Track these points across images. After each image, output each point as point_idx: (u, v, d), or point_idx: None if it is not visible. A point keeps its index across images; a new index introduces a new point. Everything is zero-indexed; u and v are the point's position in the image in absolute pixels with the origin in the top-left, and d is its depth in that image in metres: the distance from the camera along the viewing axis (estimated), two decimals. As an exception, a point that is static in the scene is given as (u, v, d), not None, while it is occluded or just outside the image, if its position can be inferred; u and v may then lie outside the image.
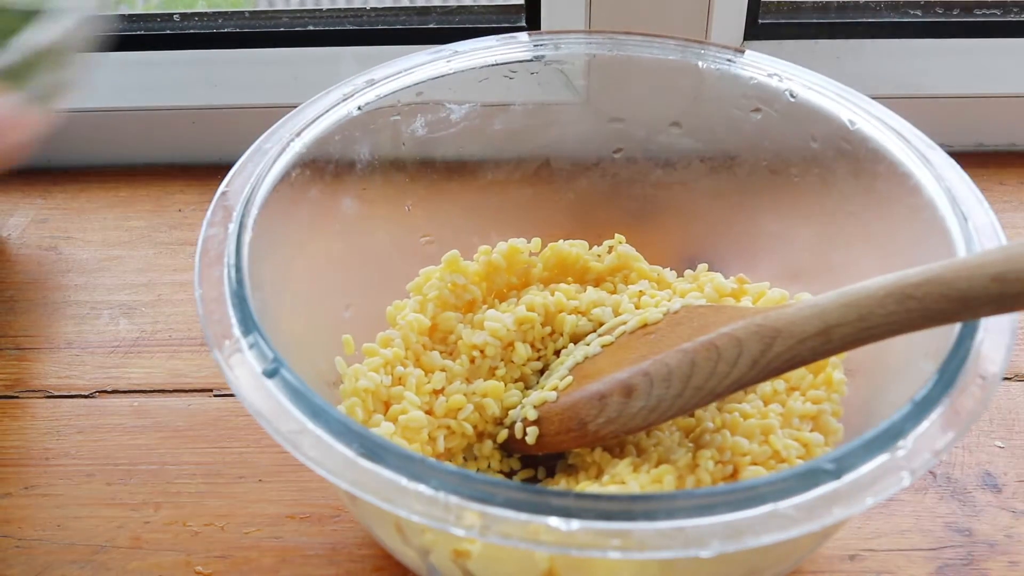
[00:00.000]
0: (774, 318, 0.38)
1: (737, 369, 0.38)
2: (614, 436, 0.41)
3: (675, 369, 0.39)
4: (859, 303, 0.35)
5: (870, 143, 0.46)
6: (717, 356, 0.38)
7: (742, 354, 0.38)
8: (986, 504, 0.48)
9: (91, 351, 0.58)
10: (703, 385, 0.38)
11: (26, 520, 0.49)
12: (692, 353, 0.39)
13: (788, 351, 0.37)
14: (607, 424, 0.41)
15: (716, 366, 0.38)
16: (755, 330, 0.38)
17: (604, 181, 0.54)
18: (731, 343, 0.38)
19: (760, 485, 0.32)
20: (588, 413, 0.41)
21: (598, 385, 0.41)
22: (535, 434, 0.43)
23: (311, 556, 0.47)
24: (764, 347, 0.37)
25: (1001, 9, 0.68)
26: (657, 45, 0.50)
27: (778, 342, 0.37)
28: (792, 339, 0.37)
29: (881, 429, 0.34)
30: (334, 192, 0.48)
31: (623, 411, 0.40)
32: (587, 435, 0.42)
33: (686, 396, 0.39)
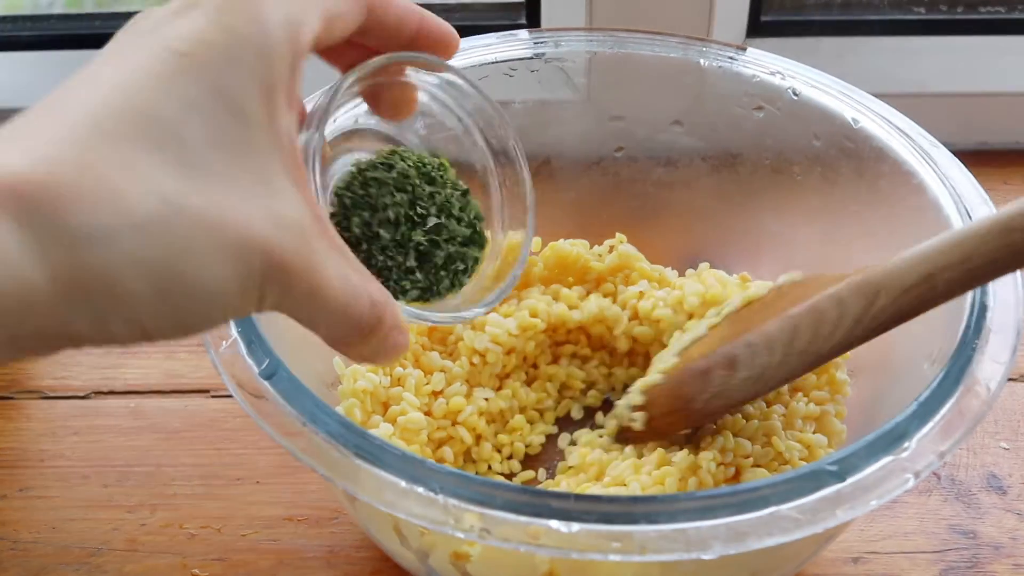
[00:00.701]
0: (874, 273, 0.37)
1: (841, 329, 0.37)
2: (722, 410, 0.41)
3: (777, 336, 0.39)
4: (961, 243, 0.35)
5: (873, 141, 0.46)
6: (819, 318, 0.38)
7: (845, 313, 0.37)
8: (991, 506, 0.48)
9: (87, 351, 0.57)
10: (807, 349, 0.38)
11: (21, 522, 0.48)
12: (794, 319, 0.39)
13: (892, 304, 0.36)
14: (713, 399, 0.40)
15: (819, 328, 0.38)
16: (856, 288, 0.37)
17: (605, 180, 0.54)
18: (832, 304, 0.38)
19: (763, 487, 0.32)
20: (693, 390, 0.41)
21: (701, 362, 0.41)
22: (643, 419, 0.43)
23: (309, 558, 0.47)
24: (867, 303, 0.37)
25: (1006, 6, 0.68)
26: (658, 43, 0.50)
27: (881, 296, 0.36)
28: (896, 291, 0.36)
29: (885, 430, 0.34)
30: (333, 191, 0.48)
31: (727, 384, 0.40)
32: (694, 412, 0.41)
33: (791, 363, 0.39)
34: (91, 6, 0.77)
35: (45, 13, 0.73)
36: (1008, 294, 0.38)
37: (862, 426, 0.43)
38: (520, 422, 0.47)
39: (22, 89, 0.71)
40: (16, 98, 0.70)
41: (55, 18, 0.71)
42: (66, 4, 0.77)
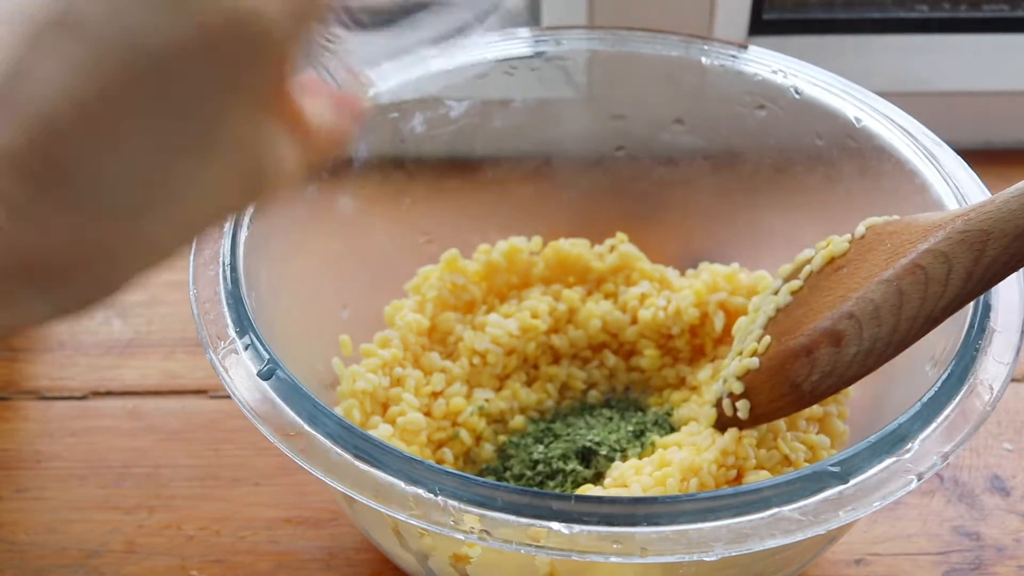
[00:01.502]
0: (978, 219, 0.34)
1: (951, 287, 0.34)
2: (833, 390, 0.38)
3: (882, 304, 0.36)
4: None
5: (876, 140, 0.45)
6: (925, 278, 0.35)
7: (952, 269, 0.34)
8: (994, 507, 0.48)
9: (84, 352, 0.57)
10: (917, 314, 0.35)
11: (18, 524, 0.48)
12: (896, 281, 0.36)
13: (1004, 252, 0.33)
14: (822, 380, 0.38)
15: (927, 289, 0.35)
16: (960, 239, 0.34)
17: (606, 179, 0.54)
18: (937, 259, 0.35)
19: (765, 488, 0.32)
20: (798, 373, 0.38)
21: (801, 339, 0.38)
22: (747, 408, 0.40)
23: (308, 560, 0.47)
24: (976, 255, 0.34)
25: (1009, 4, 0.68)
26: (660, 41, 0.50)
27: (990, 245, 0.33)
28: (1006, 237, 0.33)
29: (888, 431, 0.33)
30: (331, 190, 0.48)
31: (836, 362, 0.37)
32: (803, 396, 0.39)
33: (902, 330, 0.36)
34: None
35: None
36: (1012, 295, 0.38)
37: (865, 427, 0.42)
38: (520, 423, 0.47)
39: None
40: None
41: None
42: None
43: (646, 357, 0.49)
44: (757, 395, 0.40)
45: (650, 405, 0.48)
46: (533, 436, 0.46)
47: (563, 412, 0.48)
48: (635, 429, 0.46)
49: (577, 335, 0.49)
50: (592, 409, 0.48)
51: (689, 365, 0.49)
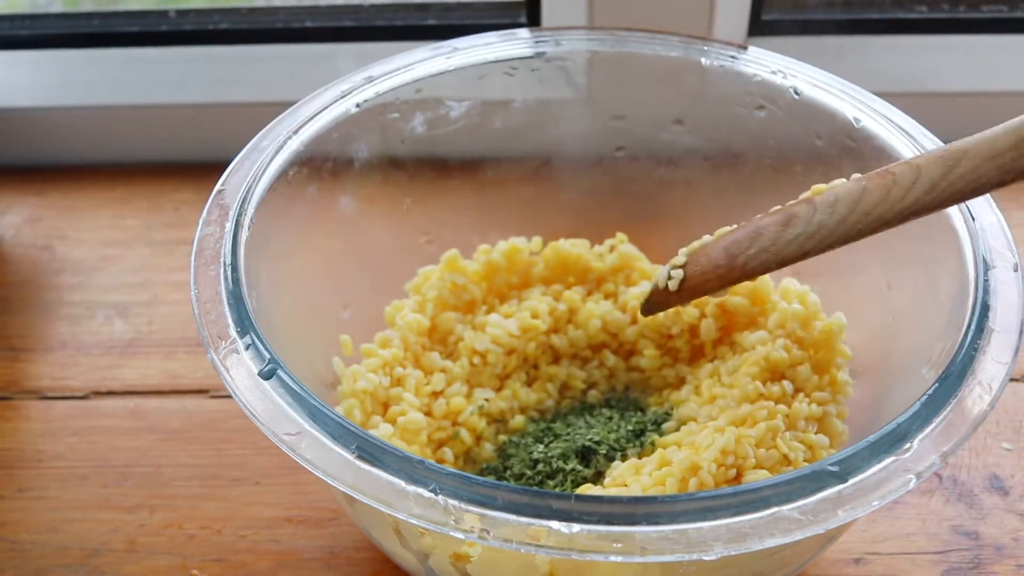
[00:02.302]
0: (959, 142, 0.35)
1: (912, 193, 0.35)
2: (764, 268, 0.39)
3: (843, 196, 0.37)
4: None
5: (875, 140, 0.45)
6: (892, 181, 0.36)
7: (920, 178, 0.35)
8: (993, 507, 0.48)
9: (86, 352, 0.57)
10: (871, 210, 0.36)
11: (19, 523, 0.48)
12: (864, 180, 0.37)
13: (973, 171, 0.34)
14: (759, 254, 0.39)
15: (890, 191, 0.36)
16: (939, 155, 0.35)
17: (606, 179, 0.54)
18: (909, 169, 0.36)
19: (764, 488, 0.32)
20: (739, 245, 0.39)
21: (756, 220, 0.39)
22: (679, 278, 0.41)
23: (308, 560, 0.47)
24: (946, 169, 0.35)
25: (1008, 5, 0.68)
26: (659, 41, 0.50)
27: (963, 162, 0.34)
28: (980, 157, 0.34)
29: (887, 431, 0.33)
30: (332, 190, 0.48)
31: (778, 239, 0.38)
32: (735, 269, 0.40)
33: (850, 221, 0.36)
34: (89, 5, 0.77)
35: (43, 12, 0.73)
36: (1011, 295, 0.38)
37: (864, 427, 0.42)
38: (520, 422, 0.47)
39: (21, 88, 0.71)
40: (15, 97, 0.70)
41: (53, 17, 0.71)
42: (64, 3, 0.77)
43: (646, 357, 0.49)
44: (692, 267, 0.41)
45: (650, 405, 0.48)
46: (533, 436, 0.46)
47: (563, 412, 0.48)
48: (635, 429, 0.46)
49: (577, 335, 0.49)
50: (592, 409, 0.48)
51: (689, 365, 0.49)
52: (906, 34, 0.69)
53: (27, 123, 0.70)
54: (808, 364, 0.44)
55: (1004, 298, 0.38)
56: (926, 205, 0.35)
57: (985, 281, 0.38)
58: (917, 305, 0.43)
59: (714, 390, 0.45)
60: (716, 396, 0.45)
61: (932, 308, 0.41)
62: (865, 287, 0.46)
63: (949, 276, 0.40)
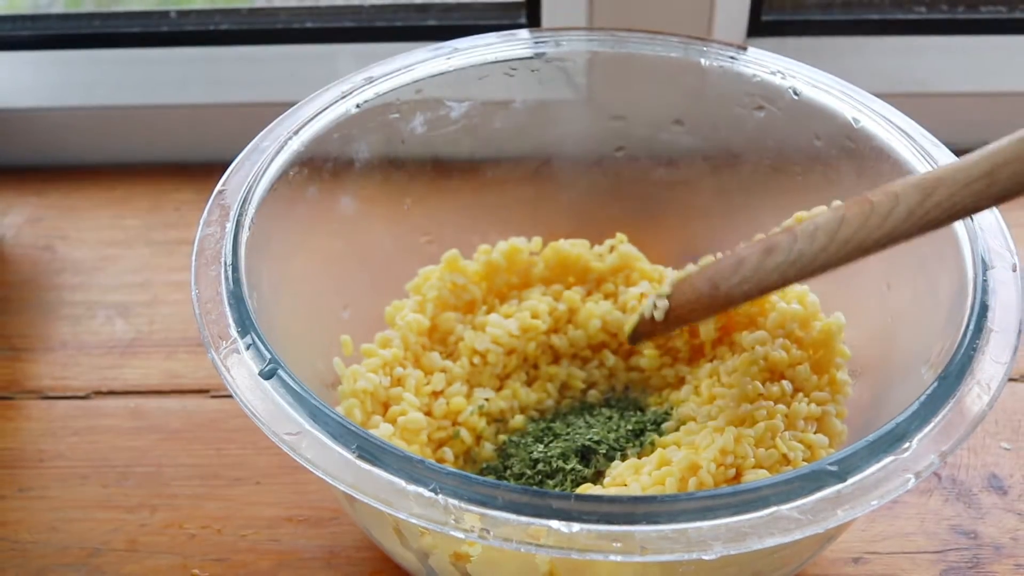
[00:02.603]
0: (936, 170, 0.36)
1: (890, 221, 0.36)
2: (745, 297, 0.40)
3: (822, 225, 0.38)
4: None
5: (874, 141, 0.45)
6: (870, 210, 0.36)
7: (897, 207, 0.36)
8: (992, 506, 0.48)
9: (86, 352, 0.58)
10: (851, 238, 0.37)
11: (20, 523, 0.48)
12: (843, 209, 0.37)
13: (949, 198, 0.35)
14: (741, 283, 0.39)
15: (868, 219, 0.36)
16: (915, 183, 0.36)
17: (605, 180, 0.54)
18: (887, 197, 0.36)
19: (763, 487, 0.32)
20: (722, 275, 0.40)
21: (739, 250, 0.40)
22: (664, 308, 0.42)
23: (309, 559, 0.47)
24: (923, 197, 0.35)
25: (1007, 6, 0.68)
26: (659, 42, 0.50)
27: (939, 190, 0.35)
28: (955, 184, 0.35)
29: (886, 431, 0.34)
30: (332, 191, 0.48)
31: (760, 268, 0.39)
32: (719, 298, 0.40)
33: (831, 250, 0.37)
34: (91, 6, 0.77)
35: (45, 12, 0.73)
36: (1009, 295, 0.38)
37: (863, 426, 0.43)
38: (520, 422, 0.47)
39: (22, 88, 0.71)
40: (16, 98, 0.70)
41: (54, 17, 0.71)
42: (66, 4, 0.78)
43: (645, 357, 0.49)
44: (678, 297, 0.42)
45: (649, 404, 0.48)
46: (533, 435, 0.46)
47: (563, 411, 0.49)
48: (634, 428, 0.46)
49: (577, 335, 0.49)
50: (592, 408, 0.48)
51: (688, 365, 0.49)
52: (905, 35, 0.69)
53: (28, 123, 0.70)
54: (807, 364, 0.44)
55: (1003, 298, 0.38)
56: (903, 233, 0.36)
57: (984, 281, 0.39)
58: (916, 305, 0.43)
59: (713, 390, 0.45)
60: (715, 396, 0.45)
61: (931, 308, 0.41)
62: (864, 287, 0.46)
63: (948, 276, 0.40)
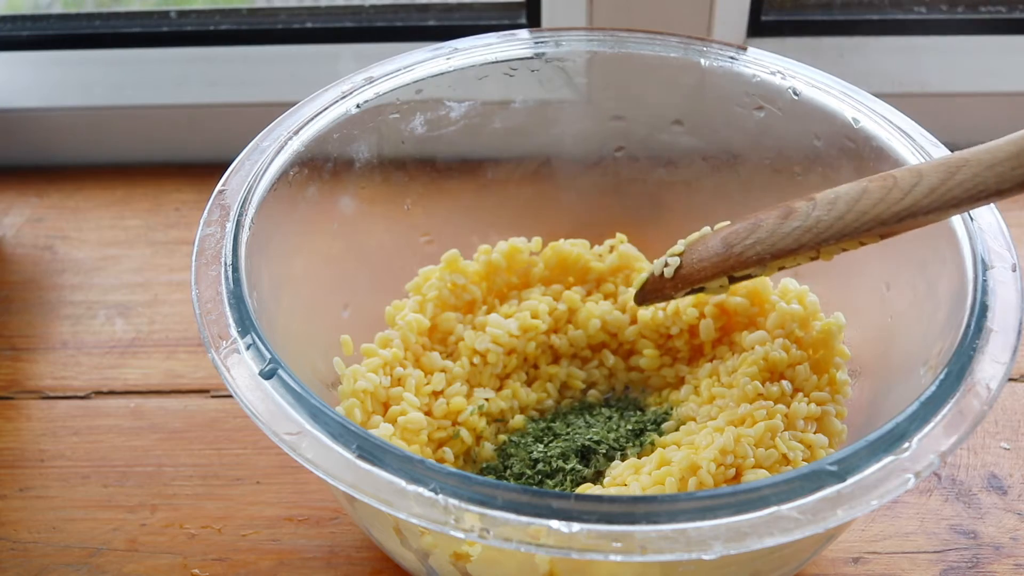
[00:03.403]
0: (962, 151, 0.36)
1: (911, 196, 0.36)
2: (758, 259, 0.40)
3: (843, 194, 0.38)
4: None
5: (874, 141, 0.45)
6: (892, 184, 0.36)
7: (920, 183, 0.36)
8: (991, 506, 0.48)
9: (87, 352, 0.58)
10: (869, 210, 0.37)
11: (21, 522, 0.48)
12: (867, 181, 0.37)
13: (973, 178, 0.35)
14: (754, 244, 0.39)
15: (889, 192, 0.36)
16: (941, 162, 0.36)
17: (605, 180, 0.54)
18: (911, 173, 0.36)
19: (763, 487, 0.32)
20: (737, 236, 0.40)
21: (758, 214, 0.40)
22: (675, 265, 0.43)
23: (309, 559, 0.47)
24: (947, 175, 0.35)
25: (1006, 6, 0.68)
26: (659, 42, 0.50)
27: (963, 170, 0.35)
28: (980, 165, 0.35)
29: (885, 430, 0.34)
30: (332, 191, 0.48)
31: (775, 231, 0.39)
32: (730, 258, 0.40)
33: (847, 219, 0.37)
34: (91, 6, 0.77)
35: (45, 13, 0.73)
36: (1009, 295, 0.38)
37: (863, 426, 0.43)
38: (520, 422, 0.47)
39: (23, 89, 0.71)
40: (16, 98, 0.70)
41: (55, 18, 0.71)
42: (66, 4, 0.78)
43: (645, 357, 0.49)
44: (690, 255, 0.42)
45: (649, 404, 0.48)
46: (533, 435, 0.46)
47: (563, 411, 0.49)
48: (634, 428, 0.46)
49: (577, 335, 0.49)
50: (592, 408, 0.48)
51: (688, 365, 0.49)
52: (905, 35, 0.69)
53: (29, 124, 0.70)
54: (807, 364, 0.44)
55: (1002, 298, 0.38)
56: (923, 208, 0.36)
57: (984, 281, 0.39)
58: (916, 305, 0.43)
59: (713, 390, 0.45)
60: (715, 396, 0.45)
61: (931, 308, 0.41)
62: (864, 287, 0.47)
63: (948, 276, 0.40)
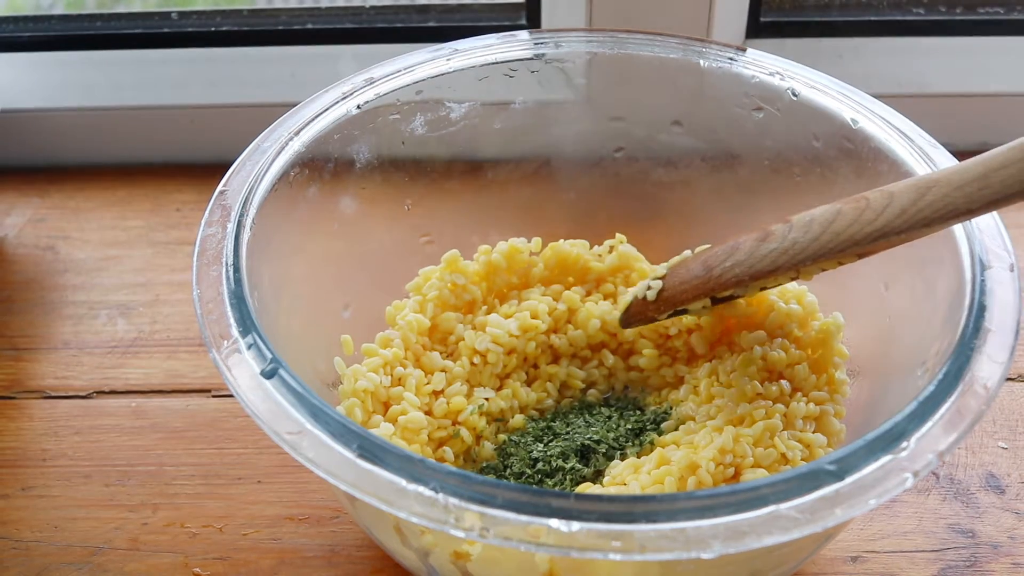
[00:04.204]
0: (933, 172, 0.37)
1: (884, 217, 0.37)
2: (736, 281, 0.41)
3: (818, 217, 0.39)
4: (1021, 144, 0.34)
5: (873, 142, 0.46)
6: (865, 205, 0.37)
7: (892, 204, 0.37)
8: (989, 505, 0.48)
9: (89, 351, 0.58)
10: (843, 231, 0.38)
11: (23, 521, 0.49)
12: (839, 203, 0.38)
13: (942, 199, 0.35)
14: (733, 267, 0.40)
15: (862, 214, 0.37)
16: (911, 183, 0.37)
17: (605, 180, 0.54)
18: (882, 195, 0.37)
19: (762, 486, 0.32)
20: (716, 259, 0.41)
21: (737, 238, 0.41)
22: (658, 288, 0.44)
23: (310, 558, 0.47)
24: (917, 196, 0.36)
25: (1005, 7, 0.68)
26: (658, 43, 0.50)
27: (933, 191, 0.36)
28: (949, 186, 0.35)
29: (884, 430, 0.34)
30: (333, 191, 0.48)
31: (753, 253, 0.40)
32: (710, 281, 0.41)
33: (823, 240, 0.38)
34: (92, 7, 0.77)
35: (46, 14, 0.73)
36: (1007, 295, 0.38)
37: (861, 426, 0.43)
38: (520, 421, 0.47)
39: (24, 90, 0.71)
40: (18, 99, 0.70)
41: (56, 19, 0.72)
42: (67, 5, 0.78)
43: (644, 357, 0.49)
44: (672, 279, 0.43)
45: (648, 404, 0.49)
46: (533, 435, 0.46)
47: (562, 411, 0.49)
48: (634, 428, 0.46)
49: (576, 335, 0.49)
50: (591, 408, 0.49)
51: (687, 365, 0.49)
52: (903, 36, 0.69)
53: (30, 124, 0.70)
54: (806, 364, 0.45)
55: (1000, 298, 0.38)
56: (895, 228, 0.37)
57: (982, 281, 0.39)
58: (914, 305, 0.44)
59: (712, 389, 0.45)
60: (714, 395, 0.45)
61: (929, 308, 0.42)
62: (862, 287, 0.47)
63: (946, 276, 0.40)
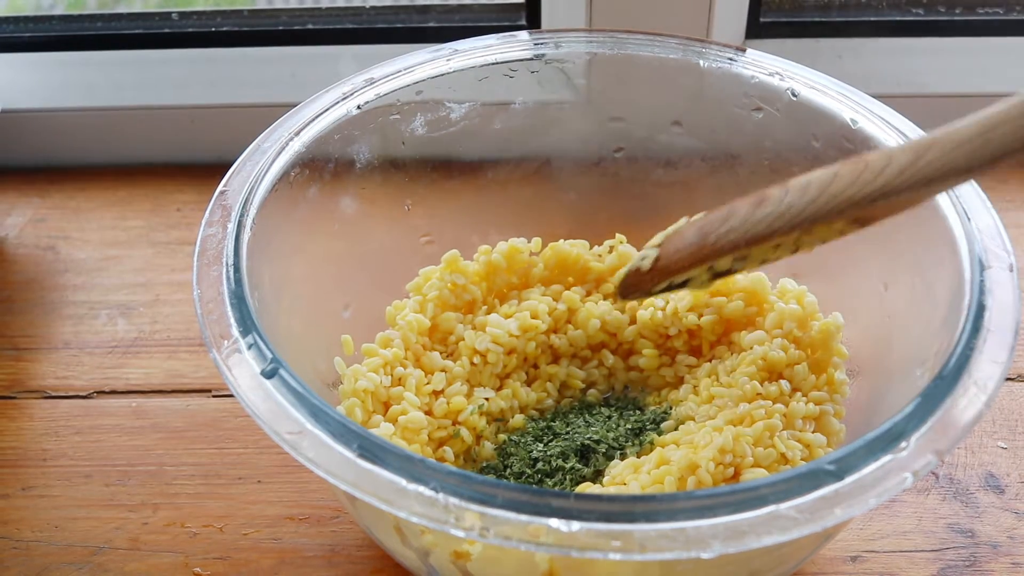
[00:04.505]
0: (931, 133, 0.36)
1: (883, 176, 0.36)
2: (732, 246, 0.40)
3: (815, 179, 0.38)
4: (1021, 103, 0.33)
5: (872, 142, 0.46)
6: (864, 167, 0.36)
7: (891, 164, 0.36)
8: (989, 505, 0.48)
9: (89, 351, 0.58)
10: (841, 192, 0.37)
11: (23, 521, 0.49)
12: (837, 166, 0.37)
13: (942, 157, 0.35)
14: (728, 232, 0.39)
15: (860, 175, 0.36)
16: (911, 145, 0.36)
17: (605, 180, 0.54)
18: (881, 156, 0.36)
19: (761, 486, 0.32)
20: (711, 225, 0.40)
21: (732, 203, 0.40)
22: (653, 256, 0.43)
23: (310, 557, 0.47)
24: (916, 156, 0.35)
25: (1004, 7, 0.68)
26: (658, 44, 0.50)
27: (932, 150, 0.35)
28: (949, 143, 0.35)
29: (883, 430, 0.34)
30: (333, 191, 0.48)
31: (748, 218, 0.39)
32: (706, 247, 0.40)
33: (820, 202, 0.37)
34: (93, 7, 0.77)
35: (47, 14, 0.73)
36: (1007, 295, 0.38)
37: (861, 426, 0.43)
38: (520, 421, 0.47)
39: (25, 90, 0.71)
40: (18, 99, 0.70)
41: (57, 19, 0.72)
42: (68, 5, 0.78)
43: (644, 357, 0.49)
44: (667, 247, 0.42)
45: (648, 404, 0.49)
46: (533, 434, 0.47)
47: (562, 411, 0.49)
48: (633, 427, 0.46)
49: (576, 335, 0.49)
50: (591, 408, 0.49)
51: (687, 365, 0.49)
52: (903, 36, 0.69)
53: (31, 124, 0.71)
54: (805, 364, 0.45)
55: (1000, 298, 0.38)
56: (895, 188, 0.36)
57: (981, 281, 0.39)
58: (914, 305, 0.44)
59: (712, 389, 0.45)
60: (714, 395, 0.45)
61: (928, 308, 0.42)
62: (862, 287, 0.47)
63: (945, 276, 0.41)
